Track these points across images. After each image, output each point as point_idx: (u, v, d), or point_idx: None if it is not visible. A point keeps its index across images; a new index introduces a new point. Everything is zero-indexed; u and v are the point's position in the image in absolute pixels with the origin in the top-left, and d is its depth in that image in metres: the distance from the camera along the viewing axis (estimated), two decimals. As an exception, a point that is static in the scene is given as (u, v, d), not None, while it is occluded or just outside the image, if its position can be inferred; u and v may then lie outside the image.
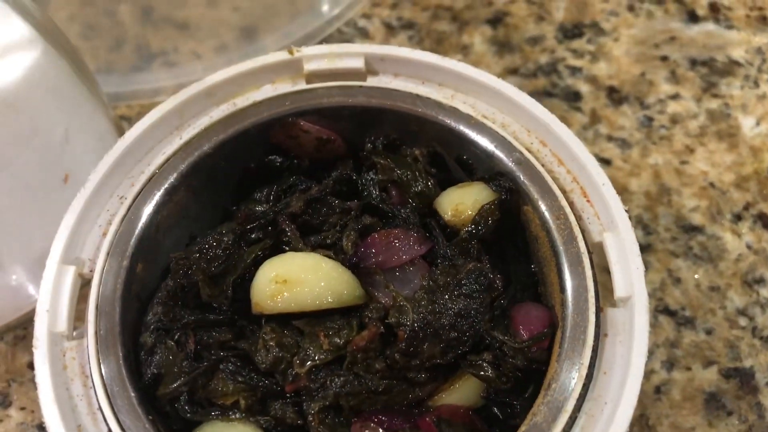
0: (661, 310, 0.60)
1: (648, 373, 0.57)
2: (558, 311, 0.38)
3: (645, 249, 0.62)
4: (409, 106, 0.43)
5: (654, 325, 0.59)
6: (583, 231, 0.40)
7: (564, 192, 0.41)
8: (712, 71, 0.73)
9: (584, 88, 0.72)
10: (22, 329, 0.60)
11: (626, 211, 0.39)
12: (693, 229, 0.64)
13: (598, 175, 0.39)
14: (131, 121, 0.67)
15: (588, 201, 0.41)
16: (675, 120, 0.70)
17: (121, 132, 0.57)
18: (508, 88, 0.42)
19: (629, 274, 0.37)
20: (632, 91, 0.72)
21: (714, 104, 0.70)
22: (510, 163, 0.41)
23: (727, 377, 0.57)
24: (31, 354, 0.59)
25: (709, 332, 0.59)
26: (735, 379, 0.57)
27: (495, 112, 0.44)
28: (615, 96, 0.71)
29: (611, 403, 0.36)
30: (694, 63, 0.73)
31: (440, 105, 0.43)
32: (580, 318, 0.37)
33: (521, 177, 0.41)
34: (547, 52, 0.74)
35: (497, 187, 0.42)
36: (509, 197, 0.41)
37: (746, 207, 0.65)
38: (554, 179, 0.41)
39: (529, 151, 0.42)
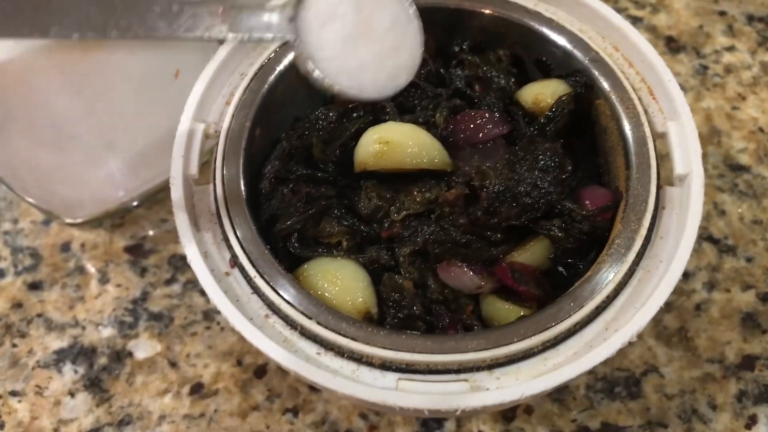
0: (705, 237, 0.64)
1: (689, 292, 0.61)
2: (622, 186, 0.43)
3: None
4: (498, 9, 0.48)
5: (697, 251, 0.63)
6: (648, 122, 0.45)
7: (633, 89, 0.46)
8: (768, 27, 0.76)
9: (644, 36, 0.75)
10: (118, 218, 0.65)
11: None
12: (740, 168, 0.67)
13: (666, 72, 0.44)
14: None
15: (654, 98, 0.45)
16: (729, 70, 0.73)
17: (220, 42, 0.63)
18: (586, -4, 0.47)
19: (688, 155, 0.42)
20: (689, 41, 0.76)
21: (768, 57, 0.74)
22: (586, 61, 0.46)
23: (764, 300, 0.60)
24: (127, 239, 0.65)
25: (749, 260, 0.63)
26: (771, 302, 0.60)
27: (573, 20, 0.49)
28: (673, 45, 0.75)
29: (665, 262, 0.41)
30: (751, 19, 0.76)
31: (526, 9, 0.48)
32: (642, 190, 0.42)
33: (596, 73, 0.46)
34: (610, 2, 0.78)
35: (573, 82, 0.47)
36: (584, 91, 0.46)
37: (792, 151, 0.68)
38: (625, 78, 0.46)
39: (604, 53, 0.47)
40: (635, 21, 0.77)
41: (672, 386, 0.56)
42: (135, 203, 0.64)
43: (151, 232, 0.65)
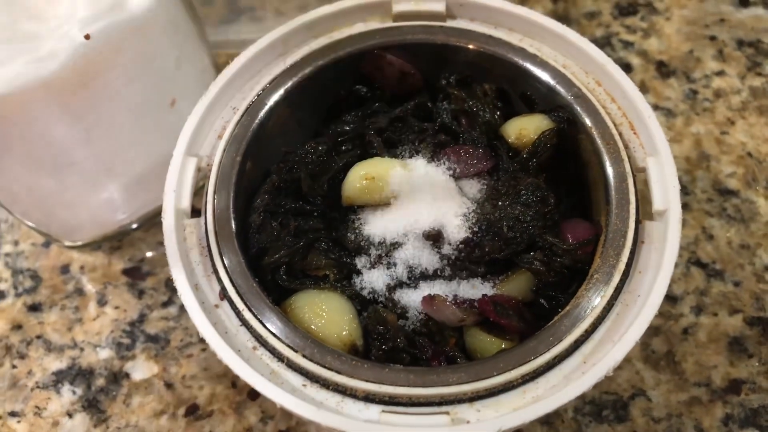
0: (693, 261, 0.65)
1: (677, 316, 0.62)
2: (602, 221, 0.44)
3: (682, 207, 0.67)
4: (483, 45, 0.50)
5: (685, 275, 0.64)
6: (628, 157, 0.46)
7: (614, 125, 0.47)
8: (758, 52, 0.77)
9: (635, 60, 0.77)
10: (117, 240, 0.67)
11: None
12: (728, 193, 0.68)
13: (645, 108, 0.45)
14: (219, 67, 0.74)
15: (635, 133, 0.47)
16: (719, 94, 0.74)
17: (218, 70, 0.64)
18: (570, 33, 0.49)
19: (667, 191, 0.43)
20: (680, 66, 0.77)
21: (757, 82, 0.75)
22: (569, 97, 0.48)
23: (751, 324, 0.61)
24: (125, 262, 0.66)
25: (737, 284, 0.63)
26: (758, 327, 0.61)
27: (557, 55, 0.50)
28: (663, 69, 0.76)
29: (643, 296, 0.42)
30: (741, 44, 0.77)
31: (510, 45, 0.49)
32: (621, 225, 0.43)
33: (578, 109, 0.47)
34: (602, 27, 0.80)
35: (556, 117, 0.48)
36: (566, 126, 0.47)
37: (781, 176, 0.69)
38: (606, 113, 0.47)
39: (586, 89, 0.48)
40: (627, 45, 0.78)
41: (659, 410, 0.57)
42: (134, 226, 0.65)
43: (149, 254, 0.66)
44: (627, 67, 0.76)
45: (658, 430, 0.56)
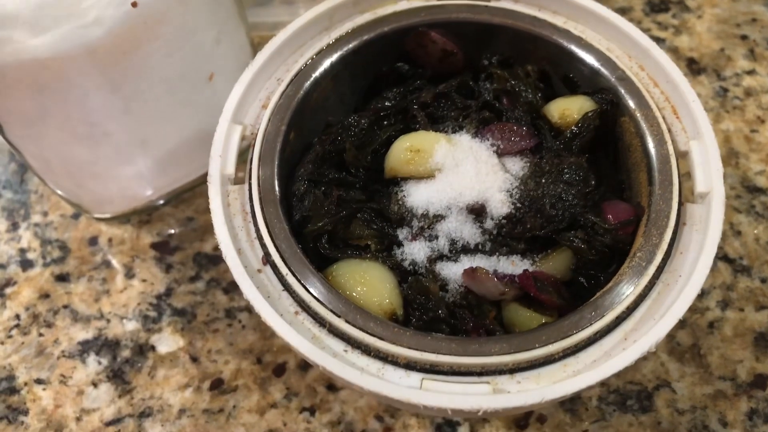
0: (720, 257, 0.64)
1: (703, 310, 0.62)
2: (644, 202, 0.45)
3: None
4: (527, 25, 0.50)
5: (712, 270, 0.64)
6: (671, 140, 0.46)
7: (657, 108, 0.47)
8: (789, 52, 0.77)
9: (666, 57, 0.77)
10: (146, 214, 0.67)
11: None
12: (757, 190, 0.68)
13: (689, 92, 0.45)
14: (254, 47, 0.74)
15: (677, 117, 0.47)
16: (749, 93, 0.74)
17: (255, 49, 0.64)
18: (615, 17, 0.49)
19: (710, 173, 0.43)
20: (710, 63, 0.76)
21: (788, 82, 0.74)
22: (613, 80, 0.48)
23: (777, 321, 0.61)
24: (153, 236, 0.67)
25: (764, 281, 0.63)
26: (784, 323, 0.61)
27: (601, 39, 0.50)
28: (694, 66, 0.76)
29: (684, 276, 0.42)
30: (772, 43, 0.77)
31: (555, 26, 0.50)
32: (664, 206, 0.43)
33: (622, 91, 0.47)
34: (633, 23, 0.79)
35: (600, 99, 0.48)
36: (609, 108, 0.48)
37: (809, 175, 0.69)
38: (650, 97, 0.47)
39: (630, 72, 0.48)
40: (658, 42, 0.76)
41: (683, 402, 0.57)
42: (162, 201, 0.65)
43: (177, 230, 0.66)
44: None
45: (682, 422, 0.56)
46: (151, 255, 0.65)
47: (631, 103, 0.47)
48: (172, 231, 0.66)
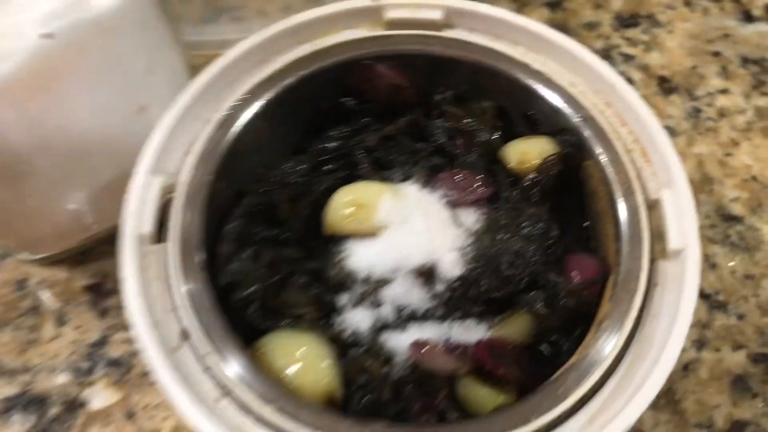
0: (695, 293, 0.61)
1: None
2: (612, 260, 0.40)
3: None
4: (483, 58, 0.45)
5: (686, 307, 0.61)
6: (641, 187, 0.42)
7: (626, 151, 0.43)
8: (763, 70, 0.74)
9: (636, 75, 0.74)
10: (80, 254, 0.62)
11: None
12: (732, 219, 0.65)
13: (660, 134, 0.41)
14: (195, 71, 0.70)
15: (647, 161, 0.43)
16: (722, 113, 0.71)
17: (192, 74, 0.60)
18: (579, 48, 0.44)
19: (684, 228, 0.39)
20: (682, 82, 0.73)
21: (762, 102, 0.72)
22: (576, 119, 0.43)
23: (756, 362, 0.58)
24: (88, 278, 0.62)
25: (740, 317, 0.60)
26: (762, 364, 0.58)
27: (564, 72, 0.46)
28: (665, 85, 0.73)
29: (658, 345, 0.38)
30: (745, 61, 0.75)
31: (512, 60, 0.45)
32: (633, 265, 0.39)
33: (586, 133, 0.43)
34: (602, 39, 0.76)
35: (562, 140, 0.44)
36: (573, 151, 0.43)
37: (787, 203, 0.66)
38: (617, 138, 0.43)
39: (595, 111, 0.44)
40: (627, 59, 0.74)
41: None
42: (97, 240, 0.61)
43: (113, 270, 0.61)
44: (628, 82, 0.72)
45: (656, 476, 0.53)
46: (85, 299, 0.60)
47: (596, 147, 0.43)
48: (109, 272, 0.61)
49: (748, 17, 0.77)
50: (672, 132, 0.69)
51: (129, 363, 0.57)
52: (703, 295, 0.61)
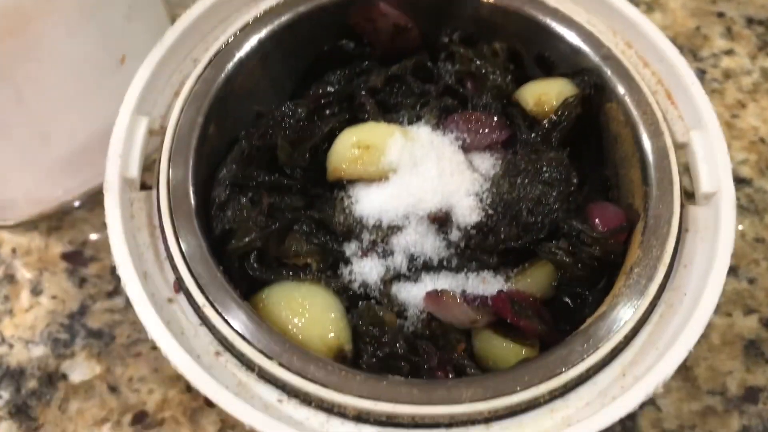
0: (704, 256, 0.60)
1: (687, 316, 0.57)
2: (639, 206, 0.38)
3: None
4: (493, -5, 0.43)
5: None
6: (668, 130, 0.39)
7: (650, 93, 0.41)
8: (769, 31, 0.72)
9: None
10: (56, 220, 0.60)
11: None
12: (740, 182, 0.64)
13: (688, 74, 0.39)
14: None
15: (672, 103, 0.41)
16: (728, 75, 0.70)
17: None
18: (597, -17, 0.42)
19: (716, 170, 0.37)
20: (686, 43, 0.72)
21: (768, 63, 0.70)
22: (596, 59, 0.42)
23: (768, 326, 0.57)
24: (65, 244, 0.60)
25: (751, 281, 0.59)
26: (776, 329, 0.57)
27: (581, 11, 0.44)
28: (669, 47, 0.71)
29: (691, 294, 0.36)
30: (750, 21, 0.73)
31: (527, -3, 0.43)
32: (664, 209, 0.37)
33: (608, 73, 0.41)
34: None
35: (581, 82, 0.42)
36: (593, 93, 0.41)
37: (795, 164, 0.65)
38: (641, 79, 0.41)
39: (616, 50, 0.41)
40: (630, 19, 0.72)
41: (670, 420, 0.52)
42: (76, 204, 0.59)
43: (92, 237, 0.59)
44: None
45: (669, 444, 0.51)
46: (63, 267, 0.58)
47: (619, 87, 0.41)
48: (87, 238, 0.59)
49: (752, -23, 0.76)
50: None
51: (111, 334, 0.55)
52: (713, 259, 0.59)
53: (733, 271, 0.59)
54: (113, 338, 0.54)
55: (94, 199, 0.59)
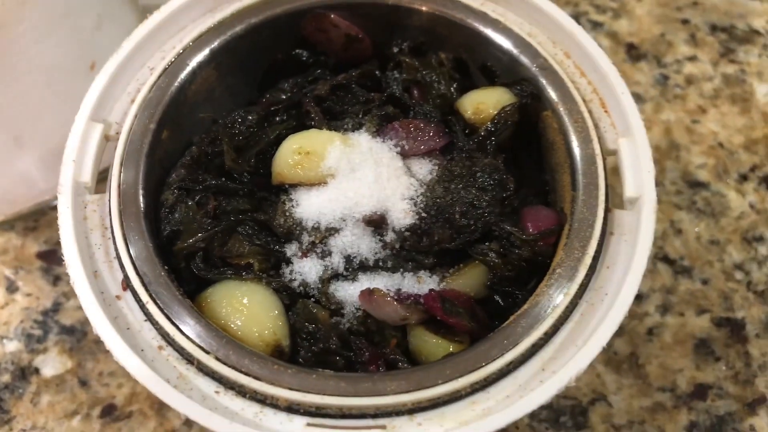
0: (660, 257, 0.61)
1: (641, 316, 0.58)
2: (567, 209, 0.39)
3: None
4: (440, 7, 0.44)
5: (652, 271, 0.61)
6: (598, 137, 0.41)
7: (584, 101, 0.42)
8: (731, 38, 0.73)
9: (604, 42, 0.73)
10: (32, 220, 0.61)
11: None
12: (698, 185, 0.65)
13: (619, 84, 0.40)
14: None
15: (606, 111, 0.42)
16: (690, 81, 0.71)
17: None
18: (537, -3, 0.43)
19: (641, 176, 0.38)
20: (651, 49, 0.73)
21: (730, 69, 0.71)
22: (534, 69, 0.42)
23: (719, 326, 0.58)
24: (40, 244, 0.61)
25: (705, 282, 0.60)
26: (726, 328, 0.58)
27: (522, 22, 0.45)
28: (633, 53, 0.72)
29: (611, 295, 0.37)
30: (714, 28, 0.74)
31: (470, 9, 0.44)
32: (589, 213, 0.38)
33: (544, 82, 0.42)
34: (570, 6, 0.75)
35: (519, 91, 0.43)
36: (530, 102, 0.42)
37: (753, 168, 0.66)
38: (575, 88, 0.42)
39: (553, 61, 0.43)
40: (595, 26, 0.74)
41: (620, 416, 0.54)
42: (54, 203, 0.59)
43: None
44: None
45: (619, 439, 0.53)
46: (38, 266, 0.59)
47: (554, 96, 0.42)
48: None
49: (718, -15, 0.77)
50: (639, 99, 0.69)
51: (83, 330, 0.56)
52: (668, 260, 0.61)
53: (687, 272, 0.60)
54: (85, 334, 0.55)
55: (70, 200, 0.61)
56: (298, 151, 0.39)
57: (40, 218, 0.61)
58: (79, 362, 0.54)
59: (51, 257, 0.59)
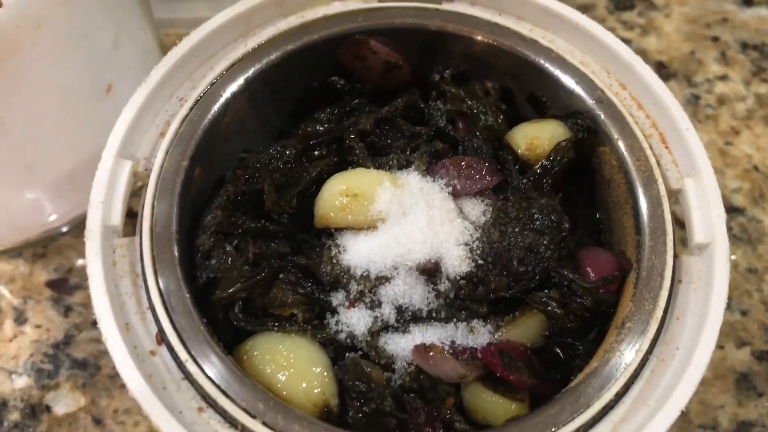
0: (696, 287, 0.59)
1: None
2: (631, 254, 0.37)
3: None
4: (487, 34, 0.42)
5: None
6: (662, 177, 0.38)
7: (644, 137, 0.40)
8: (763, 56, 0.72)
9: (633, 60, 0.71)
10: (41, 247, 0.60)
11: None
12: (734, 210, 0.63)
13: (683, 119, 0.38)
14: (166, 49, 0.66)
15: (666, 147, 0.39)
16: (722, 101, 0.69)
17: (165, 52, 0.56)
18: (591, 24, 0.41)
19: (710, 220, 0.36)
20: (680, 68, 0.71)
21: (763, 89, 0.69)
22: (590, 102, 0.40)
23: (760, 359, 0.56)
24: (50, 272, 0.59)
25: (744, 313, 0.58)
26: (767, 362, 0.56)
27: (573, 50, 0.43)
28: (663, 72, 0.70)
29: (684, 349, 0.35)
30: (745, 46, 0.72)
31: (520, 36, 0.42)
32: (657, 260, 0.36)
33: (601, 116, 0.40)
34: (597, 21, 0.73)
35: (574, 125, 0.41)
36: (586, 136, 0.40)
37: (790, 194, 0.64)
38: (634, 123, 0.40)
39: (609, 92, 0.40)
40: (624, 43, 0.71)
41: None
42: (64, 230, 0.59)
43: (78, 263, 0.59)
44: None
45: (660, 480, 0.51)
46: (47, 295, 0.57)
47: (613, 131, 0.39)
48: (72, 265, 0.58)
49: (747, 1, 0.75)
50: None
51: (96, 364, 0.54)
52: (706, 290, 0.59)
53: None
54: (98, 369, 0.53)
55: (81, 225, 0.58)
56: (345, 193, 0.37)
57: (49, 244, 0.59)
58: (93, 399, 0.53)
59: (61, 286, 0.58)
